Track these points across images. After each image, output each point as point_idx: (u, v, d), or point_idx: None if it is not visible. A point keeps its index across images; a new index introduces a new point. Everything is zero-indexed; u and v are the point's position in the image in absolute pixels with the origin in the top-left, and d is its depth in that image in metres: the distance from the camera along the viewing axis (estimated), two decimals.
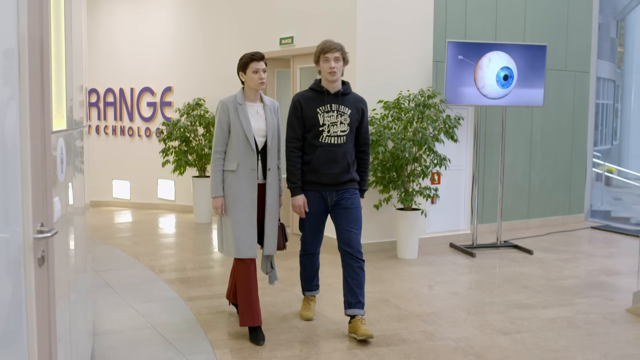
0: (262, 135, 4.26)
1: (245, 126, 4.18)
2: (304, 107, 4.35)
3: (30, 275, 2.16)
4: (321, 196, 4.39)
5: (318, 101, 4.35)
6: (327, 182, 4.34)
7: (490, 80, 6.92)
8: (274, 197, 4.31)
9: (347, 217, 4.36)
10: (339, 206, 4.39)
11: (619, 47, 24.24)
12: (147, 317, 4.73)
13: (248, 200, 4.19)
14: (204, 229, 8.48)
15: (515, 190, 8.35)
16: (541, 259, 6.77)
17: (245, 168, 4.19)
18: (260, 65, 4.22)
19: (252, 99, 4.31)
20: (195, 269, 6.28)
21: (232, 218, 4.20)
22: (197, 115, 8.77)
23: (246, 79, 4.26)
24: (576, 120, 8.88)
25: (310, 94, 4.41)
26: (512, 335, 4.44)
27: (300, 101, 4.39)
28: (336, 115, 4.33)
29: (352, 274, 4.32)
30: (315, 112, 4.33)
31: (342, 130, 4.33)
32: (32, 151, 2.16)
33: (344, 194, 4.38)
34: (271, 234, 4.32)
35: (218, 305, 5.04)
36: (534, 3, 8.20)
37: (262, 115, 4.29)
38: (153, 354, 4.03)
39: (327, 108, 4.33)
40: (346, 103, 4.37)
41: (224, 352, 4.06)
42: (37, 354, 2.22)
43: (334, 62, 4.27)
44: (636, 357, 4.05)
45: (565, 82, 8.68)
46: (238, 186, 4.18)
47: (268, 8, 8.15)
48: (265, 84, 4.28)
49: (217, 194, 4.22)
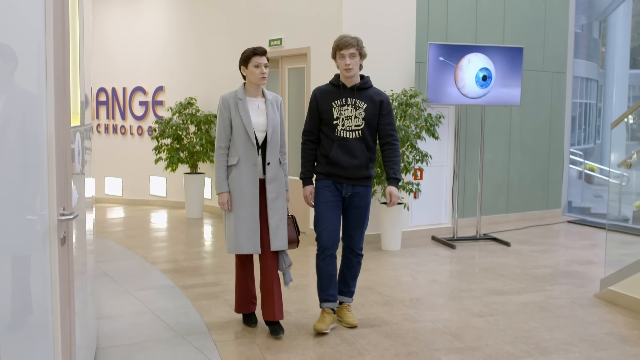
0: (262, 130, 4.24)
1: (245, 121, 4.17)
2: (320, 101, 4.37)
3: (54, 253, 2.46)
4: (336, 187, 4.39)
5: (334, 95, 4.36)
6: (344, 175, 4.35)
7: (470, 81, 7.27)
8: (275, 191, 4.28)
9: (356, 216, 4.44)
10: (351, 203, 4.42)
11: (602, 47, 24.72)
12: (145, 303, 5.03)
13: (250, 195, 4.20)
14: (195, 223, 8.77)
15: (494, 185, 8.71)
16: (518, 250, 7.13)
17: (247, 163, 4.19)
18: (262, 59, 4.21)
19: (254, 94, 4.29)
20: (188, 260, 6.59)
21: (234, 213, 4.21)
22: (189, 113, 9.07)
23: (247, 74, 4.25)
24: (553, 119, 9.26)
25: (328, 88, 4.43)
26: (487, 317, 4.78)
27: (317, 95, 4.41)
28: (351, 109, 4.32)
29: (349, 266, 4.55)
30: (330, 105, 4.34)
31: (357, 124, 4.32)
32: (57, 144, 2.47)
33: (358, 191, 4.40)
34: (277, 228, 4.27)
35: (212, 292, 5.35)
36: (512, 7, 8.57)
37: (263, 110, 4.28)
38: (153, 335, 4.34)
39: (342, 102, 4.33)
40: (362, 97, 4.35)
41: (219, 332, 4.37)
42: (60, 324, 2.53)
43: (349, 58, 4.27)
44: (599, 336, 4.40)
45: (543, 82, 9.06)
46: (240, 181, 4.20)
47: (257, 11, 8.45)
48: (266, 79, 4.27)
49: (222, 189, 4.24)
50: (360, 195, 4.42)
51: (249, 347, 4.13)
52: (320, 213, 4.40)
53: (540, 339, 4.33)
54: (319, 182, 4.43)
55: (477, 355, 4.04)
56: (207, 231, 8.32)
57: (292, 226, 4.38)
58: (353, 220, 4.45)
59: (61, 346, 2.55)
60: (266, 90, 4.36)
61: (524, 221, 8.92)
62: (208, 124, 9.09)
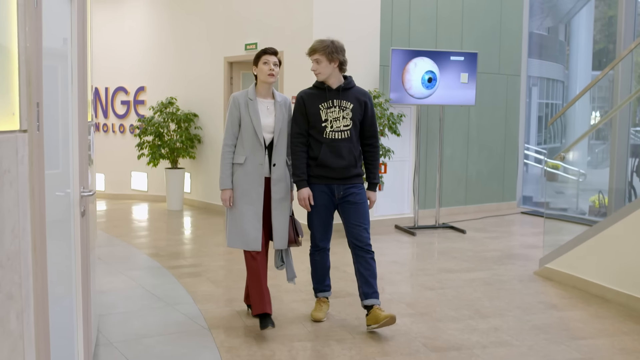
0: (270, 131, 4.32)
1: (255, 121, 4.26)
2: (307, 104, 4.43)
3: (77, 223, 3.10)
4: (328, 189, 4.44)
5: (320, 98, 4.42)
6: (334, 177, 4.40)
7: (416, 82, 7.98)
8: (280, 192, 4.35)
9: (355, 212, 4.44)
10: (346, 201, 4.45)
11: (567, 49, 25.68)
12: (136, 280, 5.65)
13: (255, 194, 4.27)
14: (176, 215, 9.38)
15: (454, 179, 9.45)
16: (472, 237, 7.87)
17: (253, 162, 4.27)
18: (271, 58, 4.30)
19: (264, 95, 4.37)
20: (171, 246, 7.20)
21: (239, 211, 4.29)
22: (169, 112, 9.66)
23: (257, 72, 4.34)
24: (508, 118, 10.03)
25: (312, 91, 4.50)
26: (437, 290, 5.48)
27: (303, 98, 4.47)
28: (338, 110, 4.40)
29: (365, 265, 4.43)
30: (318, 108, 4.40)
31: (345, 125, 4.39)
32: (80, 136, 3.10)
33: (350, 189, 4.45)
34: (279, 228, 4.36)
35: (195, 272, 5.98)
36: (470, 14, 9.31)
37: (271, 112, 4.36)
38: (146, 305, 4.96)
39: (329, 104, 4.40)
40: (348, 97, 4.43)
41: (203, 303, 5.01)
42: (81, 282, 3.16)
43: (315, 64, 4.41)
44: (532, 303, 5.12)
45: (499, 84, 9.82)
46: (245, 180, 4.27)
47: (233, 17, 9.08)
48: (275, 77, 4.32)
49: (226, 186, 4.31)
50: (354, 193, 4.46)
51: (230, 313, 4.77)
52: (312, 217, 4.50)
53: (480, 307, 5.04)
54: (312, 186, 4.46)
55: (425, 318, 4.73)
56: (187, 222, 8.93)
57: (291, 228, 4.43)
58: (354, 217, 4.45)
59: (82, 301, 3.19)
60: (276, 92, 4.44)
61: (481, 212, 9.68)
62: (187, 122, 9.69)
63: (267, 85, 4.37)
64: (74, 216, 3.07)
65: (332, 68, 4.42)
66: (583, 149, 24.51)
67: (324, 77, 4.44)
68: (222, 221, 8.88)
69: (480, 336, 4.35)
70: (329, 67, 4.41)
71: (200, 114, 9.83)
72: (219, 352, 3.98)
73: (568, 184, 17.05)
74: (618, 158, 8.71)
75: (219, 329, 4.41)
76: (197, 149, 9.93)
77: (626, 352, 4.09)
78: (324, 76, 4.43)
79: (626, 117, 8.53)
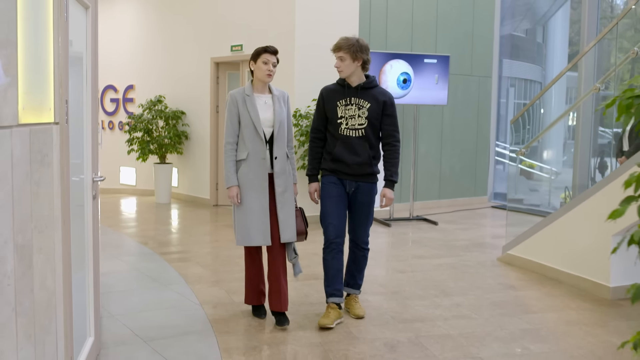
0: (270, 125, 4.34)
1: (254, 116, 4.28)
2: (326, 100, 4.49)
3: (89, 205, 3.58)
4: (341, 182, 4.49)
5: (339, 94, 4.46)
6: (347, 172, 4.45)
7: (392, 83, 8.51)
8: (283, 185, 4.37)
9: (361, 211, 4.55)
10: (355, 199, 4.52)
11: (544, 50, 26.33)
12: (131, 264, 6.13)
13: (259, 189, 4.30)
14: (164, 207, 9.84)
15: (428, 175, 10.00)
16: (443, 228, 8.42)
17: (256, 157, 4.30)
18: (271, 58, 4.33)
19: (261, 91, 4.40)
20: (161, 234, 7.67)
21: (245, 206, 4.31)
22: (158, 110, 10.12)
23: (255, 69, 4.35)
24: (480, 117, 10.60)
25: (334, 87, 4.54)
26: (408, 273, 6.01)
27: (323, 94, 4.54)
28: (355, 108, 4.41)
29: (355, 260, 4.72)
30: (335, 104, 4.44)
31: (360, 123, 4.40)
32: (92, 129, 3.58)
33: (361, 187, 4.49)
34: (285, 219, 4.37)
35: (185, 257, 6.46)
36: (444, 19, 9.86)
37: (270, 106, 4.38)
38: (142, 285, 5.44)
39: (347, 101, 4.42)
40: (366, 97, 4.43)
41: (194, 283, 5.49)
42: (92, 257, 3.63)
43: (339, 61, 4.43)
44: (492, 284, 5.66)
45: (471, 85, 10.39)
46: (249, 175, 4.30)
47: (219, 20, 9.56)
48: (272, 77, 4.36)
49: (232, 183, 4.32)
50: (363, 192, 4.51)
51: (219, 292, 5.26)
52: (326, 207, 4.50)
53: (445, 287, 5.57)
54: (324, 178, 4.54)
55: (396, 297, 5.26)
56: (175, 214, 9.40)
57: (300, 218, 4.47)
58: (357, 215, 4.57)
59: (93, 275, 3.67)
60: (273, 87, 4.47)
61: (453, 206, 10.24)
62: (175, 119, 10.15)
63: (263, 82, 4.39)
64: (87, 198, 3.55)
65: (355, 66, 4.43)
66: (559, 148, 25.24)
67: (346, 75, 4.44)
68: (209, 213, 9.36)
69: (443, 311, 4.88)
70: (352, 65, 4.41)
71: (188, 111, 10.30)
72: (210, 324, 4.47)
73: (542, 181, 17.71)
74: (581, 156, 9.33)
75: (208, 305, 4.90)
76: (185, 145, 10.39)
77: (571, 323, 4.64)
78: (346, 74, 4.43)
79: (589, 117, 9.14)
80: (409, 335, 4.29)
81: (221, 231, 8.04)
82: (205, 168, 10.06)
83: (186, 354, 3.90)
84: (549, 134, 23.59)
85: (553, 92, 25.92)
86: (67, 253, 2.87)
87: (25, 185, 2.30)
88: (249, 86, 4.40)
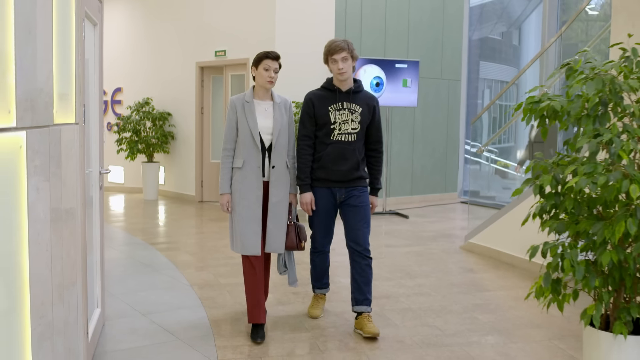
0: (269, 133, 4.23)
1: (251, 124, 4.18)
2: (316, 105, 4.35)
3: (97, 196, 4.15)
4: (330, 193, 4.37)
5: (330, 99, 4.33)
6: (337, 179, 4.33)
7: (366, 86, 9.11)
8: (279, 195, 4.27)
9: (356, 215, 4.36)
10: (348, 204, 4.38)
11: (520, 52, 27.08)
12: (125, 253, 6.70)
13: (253, 198, 4.19)
14: (152, 204, 10.40)
15: (401, 172, 10.65)
16: (414, 221, 9.07)
17: (252, 165, 4.19)
18: (273, 64, 4.20)
19: (262, 97, 4.29)
20: (151, 227, 8.24)
21: (238, 215, 4.21)
22: (145, 111, 10.68)
23: (256, 75, 4.23)
24: (450, 118, 11.28)
25: (322, 93, 4.39)
26: (377, 259, 6.63)
27: (312, 99, 4.38)
28: (347, 113, 4.31)
29: (360, 272, 4.38)
30: (327, 110, 4.31)
31: (353, 128, 4.32)
32: (99, 127, 4.17)
33: (353, 192, 4.37)
34: (275, 231, 4.27)
35: (174, 247, 7.04)
36: (415, 26, 10.52)
37: (270, 113, 4.27)
38: (138, 270, 6.02)
39: (339, 106, 4.31)
40: (357, 101, 4.35)
41: (184, 267, 6.08)
42: (99, 244, 4.21)
43: (342, 62, 4.23)
44: (453, 268, 6.31)
45: (441, 87, 11.06)
46: (244, 183, 4.20)
47: (204, 27, 10.14)
48: (274, 83, 4.24)
49: (224, 190, 4.25)
50: (356, 196, 4.39)
51: (207, 275, 5.85)
52: (313, 221, 4.49)
53: (410, 270, 6.21)
54: (314, 189, 4.42)
55: None
56: (162, 209, 9.96)
57: (293, 233, 4.36)
58: (353, 219, 4.38)
59: (100, 258, 4.25)
60: (275, 94, 4.35)
61: (424, 202, 10.91)
62: (162, 120, 10.72)
63: (265, 88, 4.29)
64: (95, 188, 4.14)
65: (352, 68, 4.34)
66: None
67: (348, 76, 4.30)
68: (194, 209, 9.94)
69: (407, 289, 5.51)
70: (351, 66, 4.31)
71: (174, 112, 10.87)
72: (200, 300, 5.06)
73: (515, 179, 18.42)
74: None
75: (197, 286, 5.49)
76: (171, 144, 10.96)
77: (517, 299, 5.29)
78: (348, 75, 4.30)
79: None
80: (375, 309, 4.91)
81: (206, 224, 8.62)
82: (191, 166, 10.64)
83: (180, 324, 4.49)
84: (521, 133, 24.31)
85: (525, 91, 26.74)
86: (83, 231, 3.46)
87: (58, 172, 2.88)
88: (250, 92, 4.30)
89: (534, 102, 2.72)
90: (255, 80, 4.29)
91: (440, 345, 4.17)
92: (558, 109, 2.58)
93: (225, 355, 3.94)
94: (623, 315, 2.55)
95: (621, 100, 2.54)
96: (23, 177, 2.31)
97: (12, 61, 2.19)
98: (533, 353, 4.08)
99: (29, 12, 2.42)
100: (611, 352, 2.60)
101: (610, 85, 2.49)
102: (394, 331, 4.45)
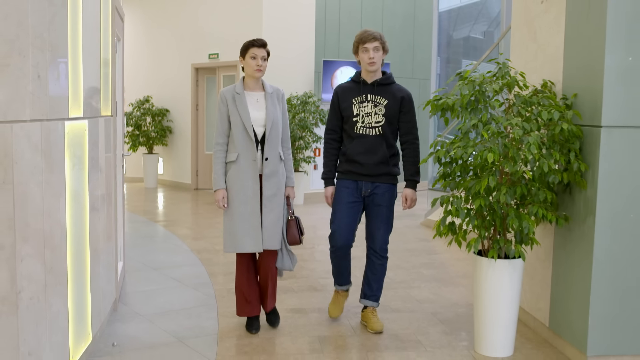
0: (262, 124, 4.07)
1: (243, 115, 4.02)
2: (341, 98, 4.25)
3: (120, 172, 5.33)
4: (356, 186, 4.21)
5: (354, 91, 4.22)
6: (363, 172, 4.17)
7: None
8: (273, 188, 4.09)
9: (377, 215, 4.26)
10: (372, 201, 4.25)
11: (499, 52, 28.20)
12: (132, 227, 7.89)
13: (250, 192, 4.04)
14: (151, 191, 11.59)
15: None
16: None
17: (246, 158, 4.04)
18: (259, 52, 4.04)
19: (252, 88, 4.13)
20: (153, 209, 9.44)
21: (235, 211, 4.06)
22: (146, 108, 11.85)
23: (244, 65, 4.08)
24: (419, 116, 12.44)
25: (348, 85, 4.29)
26: None
27: (338, 92, 4.29)
28: (371, 105, 4.17)
29: (373, 269, 4.37)
30: (351, 102, 4.19)
31: (377, 121, 4.16)
32: (120, 117, 5.33)
33: (378, 188, 4.22)
34: (269, 226, 4.07)
35: (174, 223, 8.23)
36: (388, 30, 11.71)
37: (262, 104, 4.11)
38: (145, 240, 7.21)
39: (362, 98, 4.18)
40: (384, 93, 4.20)
41: (184, 238, 7.26)
42: (121, 210, 5.38)
43: (373, 52, 4.11)
44: (411, 239, 7.51)
45: (412, 86, 12.26)
46: (239, 177, 4.04)
47: (198, 32, 11.32)
48: (263, 72, 4.06)
49: (219, 186, 4.08)
50: (380, 193, 4.24)
51: (205, 243, 7.03)
52: (335, 214, 4.29)
53: None
54: (338, 182, 4.30)
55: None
56: (161, 195, 11.14)
57: (294, 229, 4.20)
58: (374, 219, 4.29)
59: (122, 233, 5.42)
60: (267, 83, 4.19)
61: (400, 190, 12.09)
62: (161, 116, 11.89)
63: (254, 78, 4.13)
64: (118, 168, 5.31)
65: (382, 60, 4.24)
66: None
67: (377, 67, 4.19)
68: (190, 195, 11.12)
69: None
70: (382, 58, 4.21)
71: (171, 109, 12.04)
72: (199, 260, 6.25)
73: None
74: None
75: (196, 250, 6.68)
76: (169, 138, 12.13)
77: (459, 260, 6.49)
78: (378, 66, 4.19)
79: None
80: None
81: (201, 207, 9.80)
82: (187, 157, 11.81)
83: (185, 275, 5.69)
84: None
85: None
86: (115, 200, 4.63)
87: (103, 151, 4.07)
88: (240, 84, 4.14)
89: (437, 99, 3.93)
90: (244, 70, 4.14)
91: (387, 289, 5.37)
92: (450, 104, 3.79)
93: (221, 293, 5.14)
94: (495, 245, 3.76)
95: (489, 98, 3.74)
96: (85, 152, 3.51)
97: (81, 72, 3.39)
98: (458, 293, 5.31)
99: (90, 38, 3.62)
100: (487, 272, 3.80)
101: (480, 87, 3.70)
102: (354, 280, 5.64)
